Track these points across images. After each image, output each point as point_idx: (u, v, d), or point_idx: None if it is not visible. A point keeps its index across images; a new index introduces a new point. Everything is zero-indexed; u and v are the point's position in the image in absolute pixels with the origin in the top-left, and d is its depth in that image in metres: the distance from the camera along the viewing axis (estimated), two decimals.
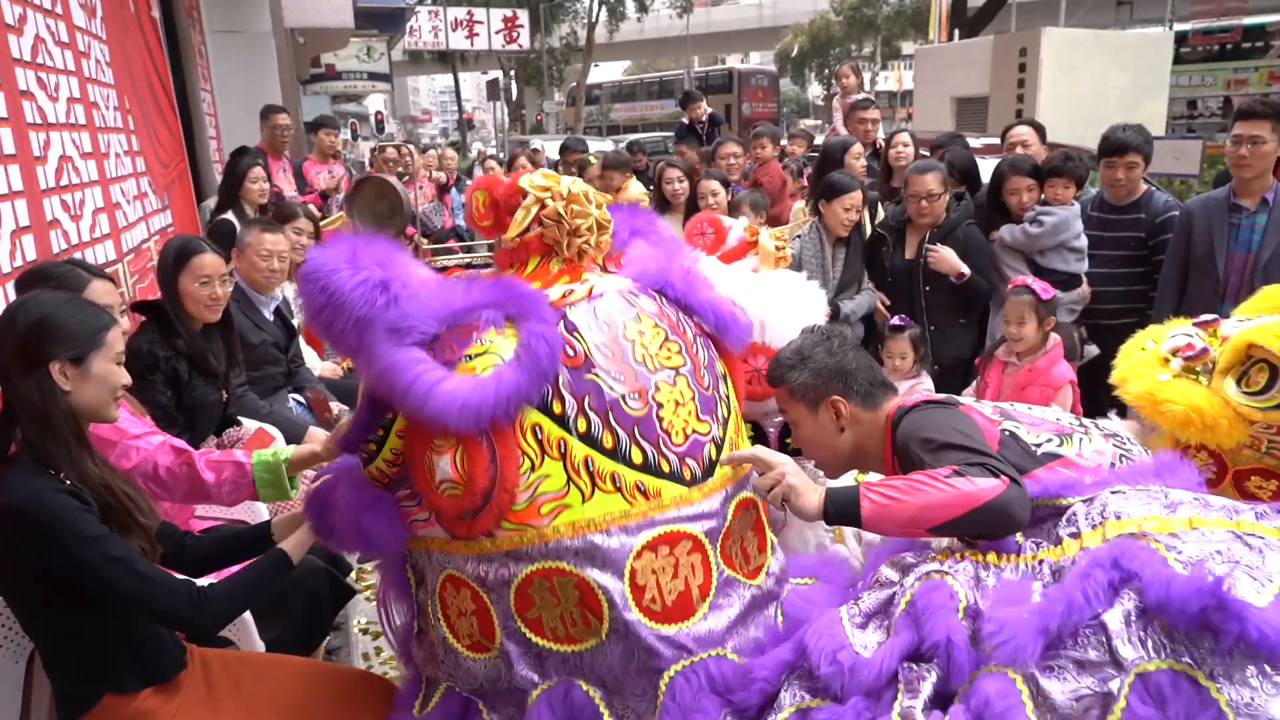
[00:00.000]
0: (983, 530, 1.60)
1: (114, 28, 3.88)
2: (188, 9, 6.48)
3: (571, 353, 1.55)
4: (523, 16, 23.82)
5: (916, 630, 1.46)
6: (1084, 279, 3.86)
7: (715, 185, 4.97)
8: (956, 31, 17.09)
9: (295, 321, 4.12)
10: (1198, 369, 2.34)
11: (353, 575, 2.92)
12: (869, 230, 4.27)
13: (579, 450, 1.52)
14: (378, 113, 29.80)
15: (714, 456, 1.65)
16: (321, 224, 5.90)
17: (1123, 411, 3.40)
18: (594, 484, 1.52)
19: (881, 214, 4.58)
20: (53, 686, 1.74)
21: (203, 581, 2.13)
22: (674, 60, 45.69)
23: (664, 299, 1.71)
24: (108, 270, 3.16)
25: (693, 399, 1.64)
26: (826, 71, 42.31)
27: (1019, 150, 4.43)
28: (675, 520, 1.57)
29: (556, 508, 1.51)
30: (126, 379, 1.77)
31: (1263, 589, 1.28)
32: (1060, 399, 3.14)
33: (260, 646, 2.16)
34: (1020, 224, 3.86)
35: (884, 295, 4.07)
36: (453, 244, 6.89)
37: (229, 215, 4.59)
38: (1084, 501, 1.58)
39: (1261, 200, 3.39)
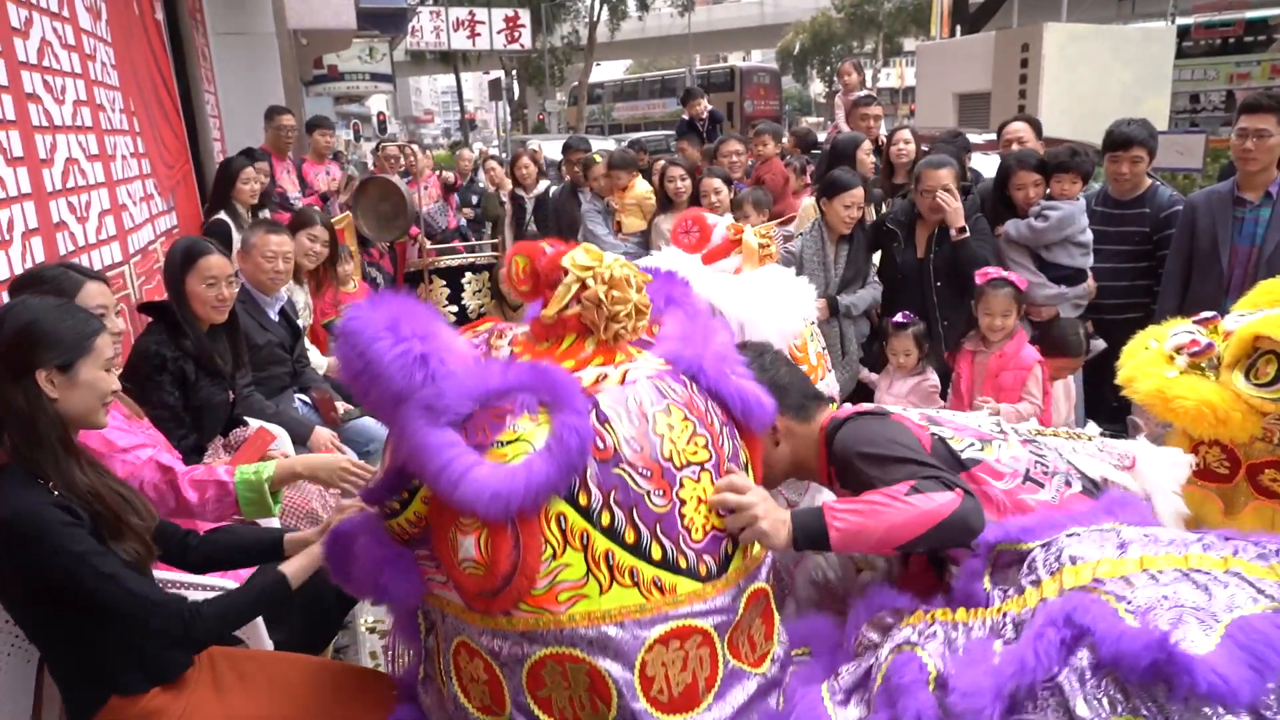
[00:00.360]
0: (945, 543, 1.68)
1: (119, 30, 3.90)
2: (191, 11, 6.50)
3: (601, 445, 1.56)
4: (524, 16, 23.78)
5: (891, 708, 1.52)
6: (1089, 273, 3.86)
7: (718, 183, 4.98)
8: (958, 27, 17.08)
9: (300, 322, 4.14)
10: (1204, 364, 2.36)
11: None
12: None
13: (601, 543, 1.54)
14: (380, 113, 29.84)
15: (730, 551, 1.67)
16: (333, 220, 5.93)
17: (1126, 408, 3.40)
18: (612, 577, 1.54)
19: (885, 210, 4.58)
20: (60, 691, 1.75)
21: (205, 584, 2.16)
22: (676, 59, 45.69)
23: (694, 384, 1.72)
24: (114, 272, 3.19)
25: None
26: (828, 69, 42.26)
27: (1015, 146, 4.42)
28: (688, 615, 1.59)
29: (574, 597, 1.54)
30: (115, 385, 1.76)
31: (1209, 630, 1.33)
32: (1032, 379, 3.21)
33: (269, 645, 2.17)
34: (1026, 219, 3.86)
35: (893, 292, 4.06)
36: (457, 244, 6.89)
37: (222, 215, 4.60)
38: (1042, 546, 1.64)
39: (1265, 194, 3.39)
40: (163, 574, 2.01)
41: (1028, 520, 1.76)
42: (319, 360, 4.39)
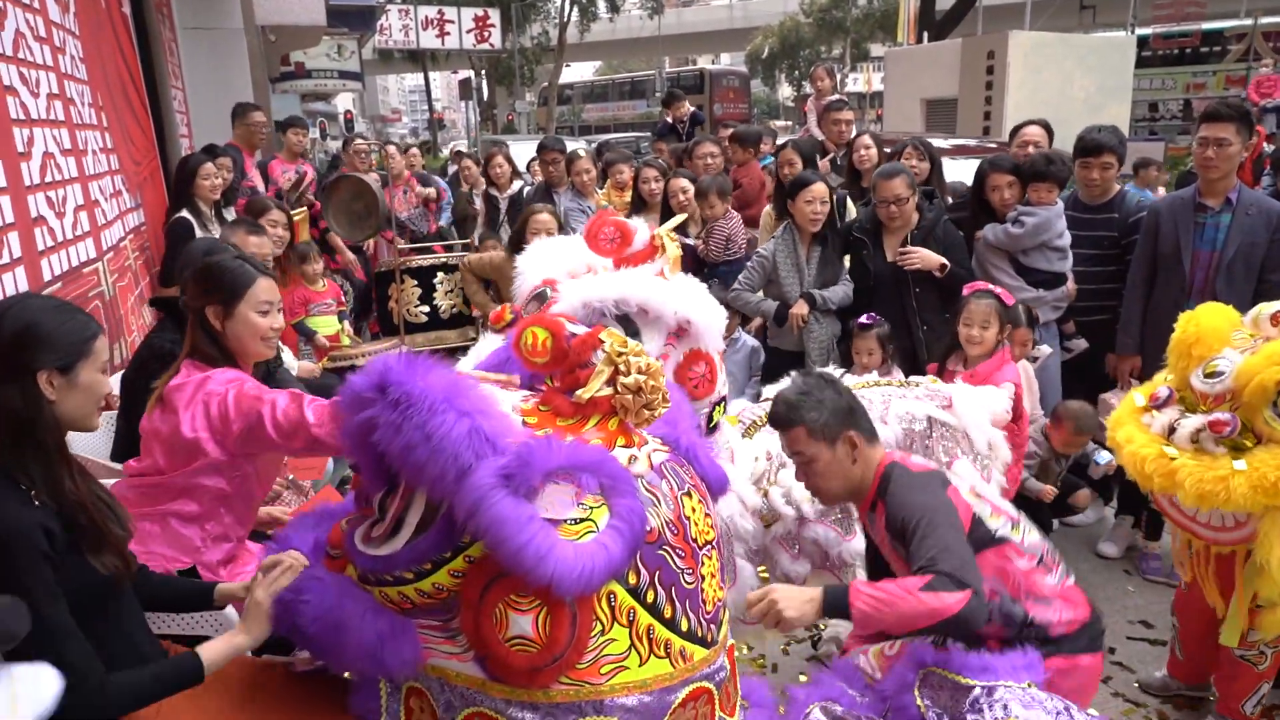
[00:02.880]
0: (948, 634, 1.97)
1: (86, 23, 3.84)
2: (158, 5, 6.40)
3: (649, 527, 1.62)
4: (494, 16, 23.70)
5: None
6: (1070, 277, 3.92)
7: (685, 183, 5.03)
8: (925, 34, 17.32)
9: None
10: (1231, 443, 2.27)
11: None
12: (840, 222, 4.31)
13: (644, 619, 1.62)
14: (347, 112, 29.48)
15: (723, 618, 1.79)
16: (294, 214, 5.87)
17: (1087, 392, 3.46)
18: (650, 649, 1.62)
19: (852, 211, 4.64)
20: None
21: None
22: (645, 61, 45.77)
23: (691, 467, 1.83)
24: (89, 269, 3.14)
25: (719, 569, 1.79)
26: (797, 73, 42.60)
27: (1031, 149, 4.43)
28: (702, 678, 1.70)
29: (615, 669, 1.59)
30: (110, 387, 1.76)
31: None
32: (1000, 391, 3.07)
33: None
34: (1004, 223, 3.93)
35: (870, 299, 4.10)
36: (435, 246, 6.84)
37: (185, 214, 4.55)
38: (985, 689, 1.88)
39: (1226, 200, 3.49)
40: None
41: (969, 659, 1.97)
42: (291, 361, 4.35)
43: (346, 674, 1.83)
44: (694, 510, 1.73)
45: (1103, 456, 3.45)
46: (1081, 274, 3.95)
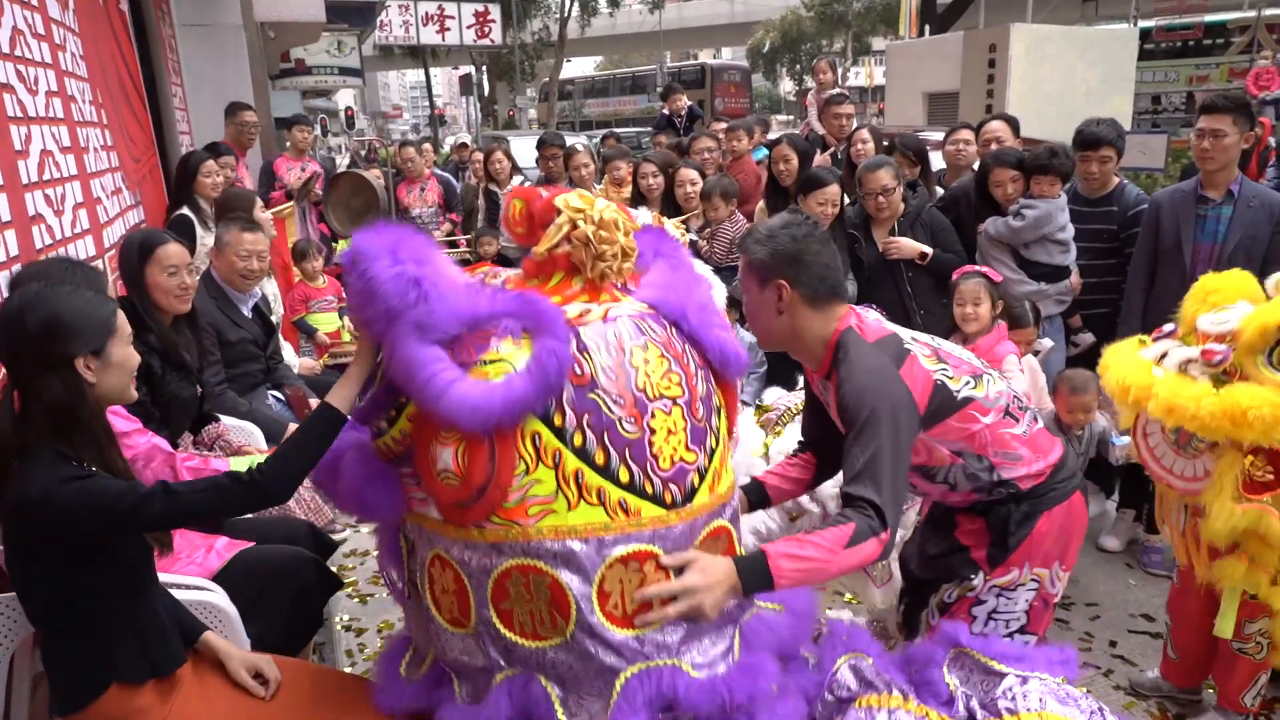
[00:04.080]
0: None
1: (85, 20, 3.83)
2: (156, 2, 6.39)
3: (579, 371, 1.64)
4: (494, 11, 23.59)
5: None
6: (1074, 270, 3.91)
7: (693, 175, 5.04)
8: (926, 27, 17.26)
9: (274, 318, 4.10)
10: (1220, 373, 2.26)
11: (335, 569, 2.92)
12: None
13: (571, 462, 1.63)
14: (348, 108, 29.38)
15: (696, 484, 1.75)
16: (272, 212, 5.87)
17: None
18: (580, 495, 1.63)
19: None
20: (58, 679, 1.73)
21: (189, 584, 2.14)
22: (646, 55, 45.69)
23: (675, 329, 1.81)
24: (94, 267, 3.14)
25: (684, 429, 1.74)
26: (798, 67, 42.49)
27: (993, 145, 4.49)
28: (650, 539, 1.67)
29: (543, 511, 1.62)
30: (138, 357, 1.80)
31: None
32: (1008, 364, 3.18)
33: (246, 644, 2.15)
34: (1005, 216, 3.93)
35: (868, 290, 4.11)
36: (440, 244, 6.85)
37: (185, 211, 4.55)
38: (1019, 679, 1.82)
39: (1227, 192, 3.48)
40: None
41: (1005, 647, 1.93)
42: (292, 358, 4.36)
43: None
44: (646, 362, 1.70)
45: (1121, 439, 3.42)
46: (1081, 267, 3.95)
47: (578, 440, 1.63)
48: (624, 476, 1.65)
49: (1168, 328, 2.51)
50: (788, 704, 1.78)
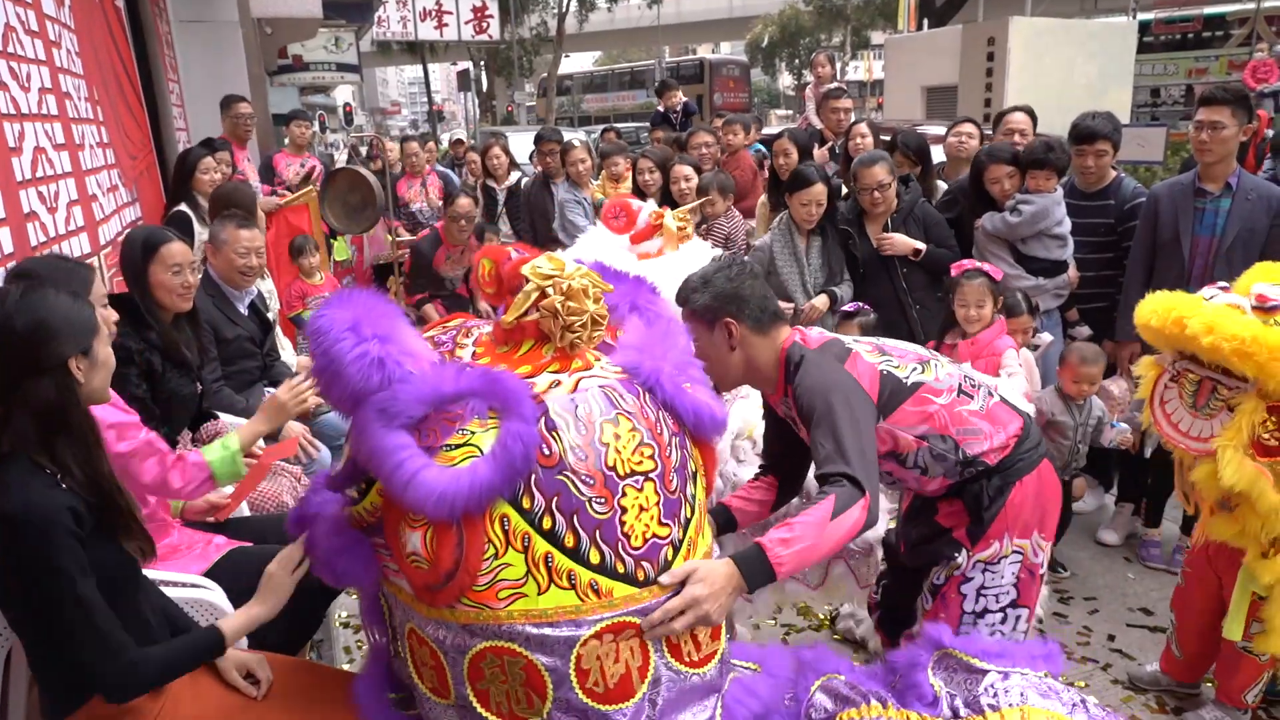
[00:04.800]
0: (858, 536, 1.97)
1: (81, 16, 3.82)
2: None
3: (547, 452, 1.60)
4: (492, 6, 23.56)
5: None
6: (1071, 264, 3.91)
7: (688, 170, 5.02)
8: (925, 21, 17.24)
9: (269, 315, 4.09)
10: (1271, 322, 2.26)
11: None
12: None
13: (540, 546, 1.59)
14: (346, 104, 29.34)
15: (670, 557, 1.71)
16: (284, 202, 5.86)
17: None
18: (551, 578, 1.60)
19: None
20: (40, 686, 1.73)
21: (186, 581, 2.14)
22: (645, 50, 45.57)
23: (648, 395, 1.76)
24: (86, 263, 3.14)
25: (657, 504, 1.70)
26: (797, 61, 42.40)
27: (1016, 137, 4.46)
28: (623, 615, 1.64)
29: (513, 595, 1.59)
30: (114, 357, 1.81)
31: None
32: (1007, 357, 3.23)
33: (243, 641, 2.15)
34: (1002, 212, 3.92)
35: (863, 286, 4.11)
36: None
37: (183, 207, 4.54)
38: (1000, 674, 1.85)
39: (1225, 185, 3.47)
40: (150, 572, 1.99)
41: (988, 644, 1.95)
42: (290, 356, 4.35)
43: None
44: (616, 438, 1.65)
45: (1119, 424, 3.42)
46: (1078, 261, 3.95)
47: (546, 523, 1.59)
48: (594, 558, 1.62)
49: (1221, 284, 2.50)
50: None
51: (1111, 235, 3.90)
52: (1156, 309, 2.43)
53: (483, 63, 35.43)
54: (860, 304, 3.74)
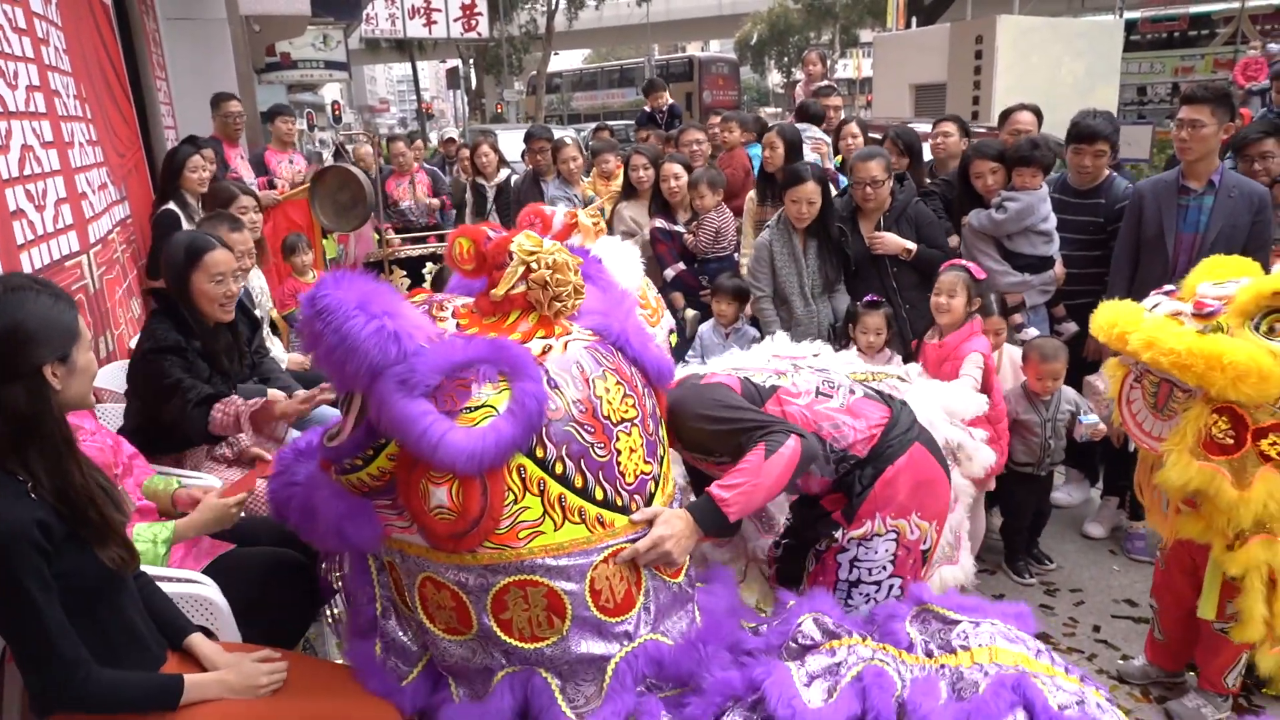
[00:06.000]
0: (802, 471, 2.17)
1: (68, 14, 3.80)
2: None
3: (554, 407, 1.81)
4: (481, 4, 23.45)
5: (862, 702, 1.81)
6: (1057, 260, 3.93)
7: (678, 169, 5.01)
8: (914, 19, 17.29)
9: (257, 312, 4.08)
10: (1205, 328, 2.32)
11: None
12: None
13: (555, 488, 1.81)
14: (334, 102, 29.19)
15: (653, 490, 1.99)
16: (283, 197, 5.85)
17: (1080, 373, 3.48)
18: (565, 516, 1.82)
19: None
20: (26, 684, 1.70)
21: (175, 576, 2.13)
22: (634, 48, 45.53)
23: (620, 353, 2.00)
24: (72, 262, 3.13)
25: (642, 445, 1.97)
26: (786, 59, 42.45)
27: (1022, 136, 4.45)
28: (624, 542, 1.90)
29: (532, 533, 1.79)
30: (96, 364, 1.77)
31: None
32: (969, 362, 3.18)
33: (238, 638, 2.15)
34: (987, 209, 3.94)
35: (854, 282, 4.12)
36: (430, 237, 6.83)
37: (171, 206, 4.53)
38: (972, 623, 2.00)
39: (1208, 182, 3.50)
40: (146, 568, 1.99)
41: (964, 600, 2.12)
42: (280, 353, 4.34)
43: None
44: (607, 391, 1.89)
45: (1089, 418, 3.45)
46: (1066, 258, 3.96)
47: (559, 469, 1.81)
48: (599, 495, 1.86)
49: (1168, 288, 2.57)
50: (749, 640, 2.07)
51: (1101, 234, 3.91)
52: (1102, 323, 2.51)
53: (472, 60, 35.34)
54: (873, 296, 3.71)
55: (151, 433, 2.76)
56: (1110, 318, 2.49)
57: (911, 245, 3.93)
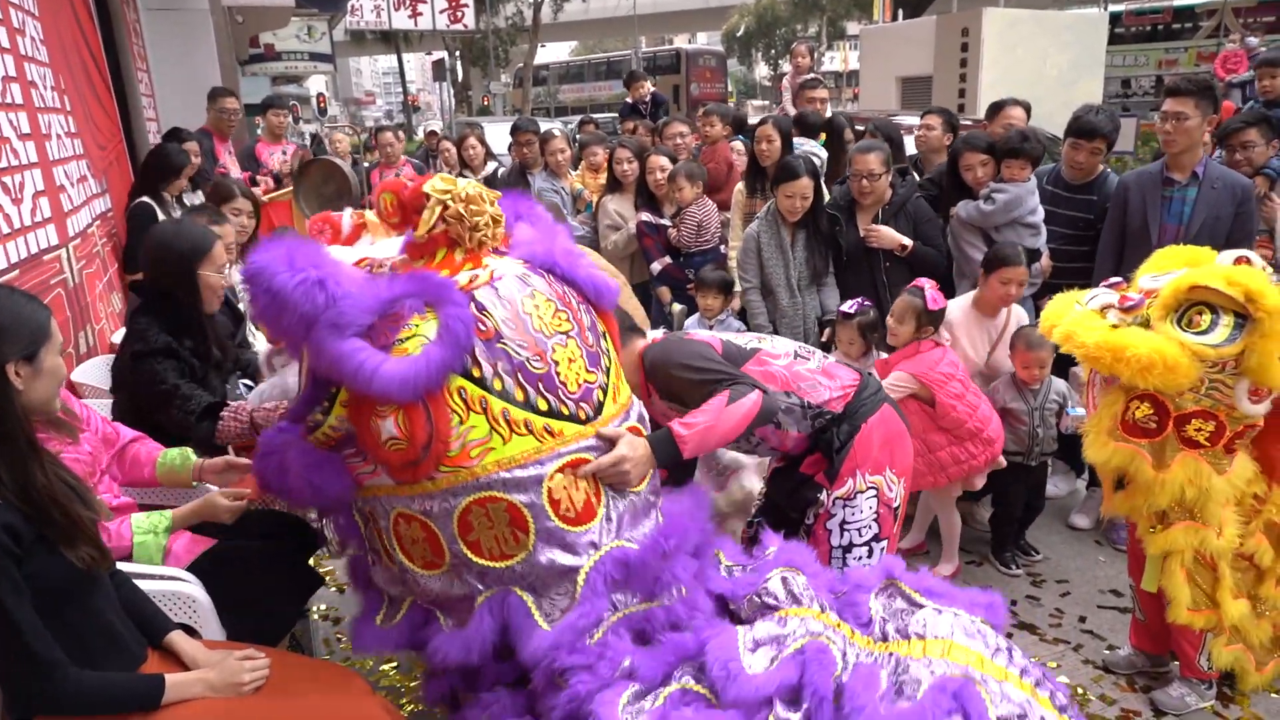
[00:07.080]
0: (760, 424, 2.32)
1: (46, 4, 3.75)
2: None
3: (483, 328, 1.88)
4: None
5: (800, 674, 1.83)
6: (1044, 252, 3.93)
7: (663, 161, 4.99)
8: (900, 12, 17.31)
9: (242, 306, 4.05)
10: (1132, 320, 2.42)
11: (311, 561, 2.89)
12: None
13: (497, 404, 1.87)
14: (319, 95, 28.99)
15: (601, 399, 2.06)
16: (267, 198, 5.80)
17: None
18: (511, 429, 1.88)
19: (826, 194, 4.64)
20: (3, 688, 1.67)
21: (157, 573, 2.10)
22: (621, 40, 45.44)
23: (551, 275, 2.07)
24: (50, 255, 3.09)
25: (581, 355, 2.02)
26: (773, 52, 42.46)
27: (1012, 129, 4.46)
28: (576, 450, 1.96)
29: (483, 451, 1.86)
30: (65, 370, 1.74)
31: None
32: (891, 380, 3.25)
33: (222, 635, 2.13)
34: (976, 200, 3.94)
35: (843, 274, 4.12)
36: None
37: (145, 199, 4.48)
38: (935, 610, 1.99)
39: (1192, 174, 3.52)
40: (126, 565, 1.97)
41: (934, 584, 2.10)
42: (265, 346, 4.31)
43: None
44: (536, 308, 1.97)
45: (1077, 410, 3.46)
46: (1055, 251, 3.97)
47: (497, 385, 1.88)
48: (542, 405, 1.92)
49: (1114, 280, 2.67)
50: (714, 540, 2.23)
51: (1091, 230, 3.90)
52: (1044, 316, 2.66)
53: (458, 53, 35.15)
54: (861, 300, 3.65)
55: (142, 429, 2.73)
56: (1047, 311, 2.65)
57: (907, 241, 3.91)
